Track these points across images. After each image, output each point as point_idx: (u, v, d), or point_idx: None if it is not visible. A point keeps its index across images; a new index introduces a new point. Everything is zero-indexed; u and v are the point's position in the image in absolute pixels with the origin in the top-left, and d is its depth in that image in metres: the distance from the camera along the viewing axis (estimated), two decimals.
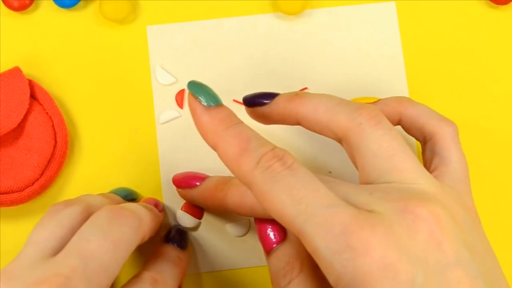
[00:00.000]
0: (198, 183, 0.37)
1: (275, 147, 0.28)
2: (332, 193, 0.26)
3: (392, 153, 0.29)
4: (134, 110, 0.41)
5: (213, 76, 0.41)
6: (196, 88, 0.30)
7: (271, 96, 0.33)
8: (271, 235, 0.33)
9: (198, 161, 0.40)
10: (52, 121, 0.39)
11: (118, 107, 0.41)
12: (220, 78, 0.41)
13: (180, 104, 0.40)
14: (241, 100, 0.40)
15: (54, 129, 0.39)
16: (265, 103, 0.33)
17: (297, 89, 0.41)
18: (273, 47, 0.41)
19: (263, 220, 0.33)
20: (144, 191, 0.40)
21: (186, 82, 0.40)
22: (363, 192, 0.28)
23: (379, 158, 0.29)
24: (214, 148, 0.29)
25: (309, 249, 0.26)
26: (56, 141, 0.39)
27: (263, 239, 0.33)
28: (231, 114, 0.30)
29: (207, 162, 0.40)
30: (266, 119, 0.34)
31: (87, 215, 0.31)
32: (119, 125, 0.40)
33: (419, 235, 0.26)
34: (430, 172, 0.32)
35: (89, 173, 0.40)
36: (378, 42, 0.41)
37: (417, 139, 0.34)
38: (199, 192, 0.37)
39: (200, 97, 0.30)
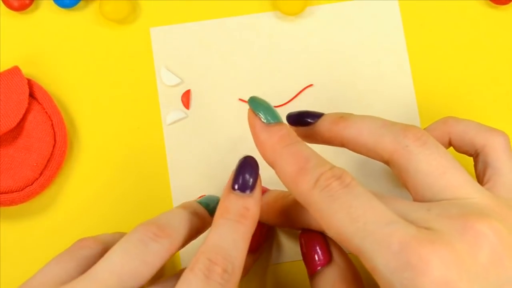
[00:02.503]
0: None
1: (333, 166, 0.28)
2: (389, 210, 0.26)
3: (443, 171, 0.29)
4: (138, 111, 0.41)
5: (218, 75, 0.41)
6: (256, 104, 0.30)
7: (315, 116, 0.33)
8: (317, 255, 0.33)
9: (206, 161, 0.40)
10: (51, 121, 0.39)
11: (118, 106, 0.41)
12: (225, 77, 0.41)
13: (186, 105, 0.41)
14: (246, 99, 0.40)
15: (53, 129, 0.39)
16: (309, 123, 0.33)
17: (302, 86, 0.41)
18: (277, 44, 0.41)
19: (309, 240, 0.33)
20: (150, 190, 0.40)
21: (192, 83, 0.41)
22: (420, 208, 0.28)
23: (430, 177, 0.29)
24: (272, 165, 0.30)
25: (367, 267, 0.26)
26: (55, 141, 0.39)
27: (308, 259, 0.33)
28: (291, 132, 0.30)
29: (215, 162, 0.40)
30: (309, 139, 0.33)
31: (173, 250, 0.30)
32: (120, 124, 0.40)
33: (481, 251, 0.26)
34: (484, 184, 0.32)
35: (89, 172, 0.40)
36: (382, 37, 0.42)
37: (469, 154, 0.34)
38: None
39: (260, 114, 0.30)
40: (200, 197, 0.35)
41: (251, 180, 0.30)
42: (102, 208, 0.40)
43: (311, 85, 0.41)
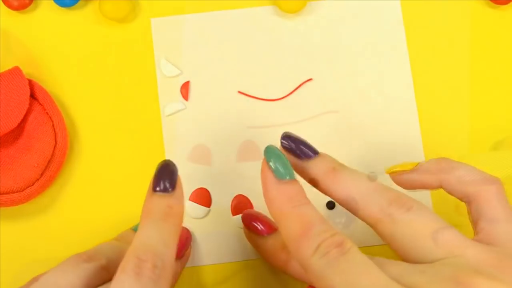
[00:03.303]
0: (266, 234, 0.37)
1: (336, 233, 0.28)
2: (385, 275, 0.27)
3: (429, 232, 0.29)
4: (138, 104, 0.41)
5: (217, 67, 0.41)
6: (272, 156, 0.31)
7: (311, 151, 0.32)
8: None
9: (204, 152, 0.40)
10: (52, 121, 0.39)
11: (120, 104, 0.41)
12: (224, 69, 0.41)
13: (185, 96, 0.41)
14: (245, 92, 0.40)
15: (54, 129, 0.39)
16: (301, 157, 0.32)
17: (302, 79, 0.41)
18: (277, 38, 0.42)
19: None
20: (148, 183, 0.40)
21: (191, 74, 0.41)
22: (415, 271, 0.28)
23: (418, 241, 0.29)
24: (276, 222, 0.30)
25: None
26: (56, 141, 0.39)
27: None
28: (300, 193, 0.30)
29: (213, 153, 0.40)
30: (298, 173, 0.33)
31: (105, 273, 0.32)
32: (121, 122, 0.40)
33: None
34: (478, 233, 0.31)
35: (89, 173, 0.40)
36: (383, 35, 0.42)
37: (460, 200, 0.34)
38: (265, 245, 0.37)
39: (273, 168, 0.30)
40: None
41: (171, 180, 0.31)
42: (102, 208, 0.40)
43: (310, 79, 0.41)
